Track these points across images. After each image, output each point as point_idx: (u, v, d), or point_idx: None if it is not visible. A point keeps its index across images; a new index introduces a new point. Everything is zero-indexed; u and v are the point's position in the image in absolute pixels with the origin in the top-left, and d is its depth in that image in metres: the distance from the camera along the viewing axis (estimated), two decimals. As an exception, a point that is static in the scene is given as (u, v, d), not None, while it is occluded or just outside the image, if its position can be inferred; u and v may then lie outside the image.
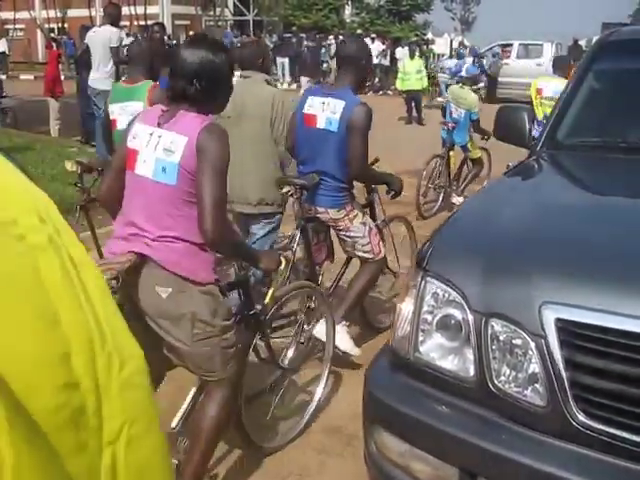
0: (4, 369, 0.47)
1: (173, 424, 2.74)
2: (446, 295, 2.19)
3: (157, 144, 2.43)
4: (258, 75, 4.20)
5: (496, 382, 2.04)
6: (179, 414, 2.76)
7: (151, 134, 2.47)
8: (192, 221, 2.39)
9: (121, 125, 3.96)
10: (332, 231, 4.11)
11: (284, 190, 3.94)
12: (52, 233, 0.55)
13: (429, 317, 2.23)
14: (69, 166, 4.47)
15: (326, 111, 3.72)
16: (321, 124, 3.74)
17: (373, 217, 4.34)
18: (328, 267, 4.44)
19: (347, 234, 3.94)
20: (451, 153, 7.91)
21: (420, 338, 2.24)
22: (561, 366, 1.91)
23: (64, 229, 0.57)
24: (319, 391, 3.55)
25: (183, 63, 2.45)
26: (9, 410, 0.46)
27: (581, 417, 1.89)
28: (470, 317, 2.09)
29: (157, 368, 2.60)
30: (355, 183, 3.96)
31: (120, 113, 4.11)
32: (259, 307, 3.04)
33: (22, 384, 0.48)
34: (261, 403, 3.38)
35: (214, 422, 2.63)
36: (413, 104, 16.34)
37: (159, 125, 2.46)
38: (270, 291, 3.06)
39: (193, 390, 2.81)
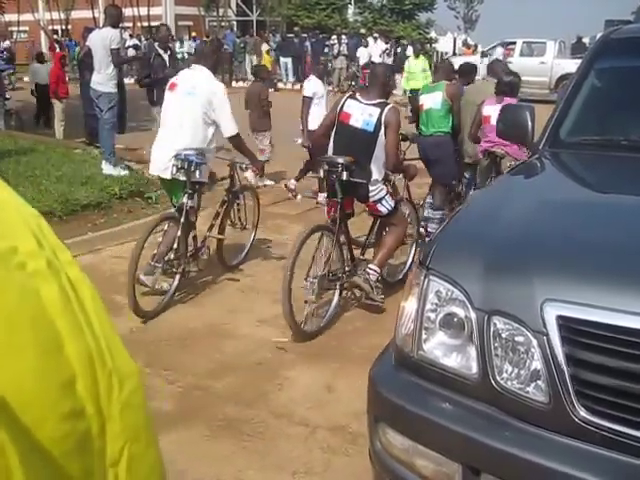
0: (13, 401, 0.46)
1: None
2: (449, 293, 2.20)
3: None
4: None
5: (498, 379, 2.06)
6: None
7: (495, 108, 5.55)
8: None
9: (426, 107, 6.84)
10: None
11: None
12: (50, 256, 0.54)
13: (432, 315, 2.25)
14: None
15: None
16: None
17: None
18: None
19: None
20: None
21: (423, 336, 2.26)
22: (563, 363, 1.92)
23: (59, 248, 0.57)
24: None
25: (507, 80, 6.33)
26: (17, 439, 0.46)
27: (583, 413, 1.91)
28: (473, 315, 2.11)
29: None
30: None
31: (426, 99, 6.87)
32: None
33: (30, 415, 0.47)
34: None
35: None
36: None
37: (498, 103, 5.75)
38: None
39: None
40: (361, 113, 4.79)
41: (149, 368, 4.06)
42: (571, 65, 17.77)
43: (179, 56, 13.76)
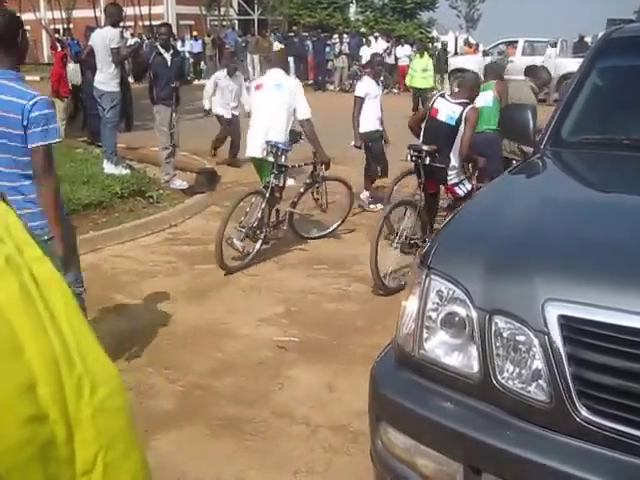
0: None
1: None
2: (450, 292, 2.20)
3: None
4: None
5: (500, 378, 2.06)
6: None
7: None
8: None
9: (478, 105, 6.59)
10: None
11: None
12: (11, 253, 0.50)
13: (433, 314, 2.24)
14: None
15: None
16: None
17: None
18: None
19: None
20: None
21: (425, 335, 2.26)
22: (564, 362, 1.92)
23: (27, 244, 0.53)
24: None
25: None
26: None
27: (584, 413, 1.91)
28: (474, 314, 2.11)
29: None
30: None
31: (478, 99, 6.59)
32: None
33: None
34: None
35: None
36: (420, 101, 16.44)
37: None
38: None
39: None
40: (446, 109, 5.76)
41: (150, 367, 4.07)
42: (573, 64, 17.72)
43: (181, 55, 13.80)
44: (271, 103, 6.13)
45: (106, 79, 8.44)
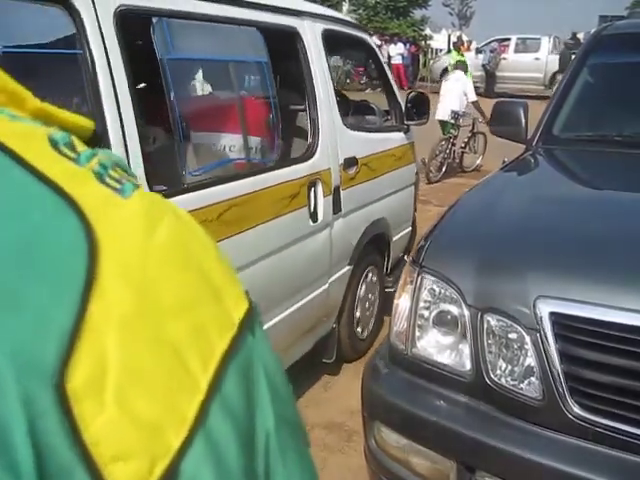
0: None
1: None
2: (442, 291, 2.20)
3: None
4: None
5: (492, 376, 2.06)
6: None
7: None
8: None
9: None
10: None
11: None
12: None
13: (426, 313, 2.25)
14: None
15: None
16: None
17: None
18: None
19: None
20: None
21: (417, 333, 2.26)
22: (556, 359, 1.92)
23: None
24: None
25: None
26: None
27: (576, 409, 1.91)
28: (466, 312, 2.11)
29: None
30: None
31: None
32: None
33: None
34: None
35: None
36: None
37: None
38: None
39: None
40: None
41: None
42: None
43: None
44: (453, 89, 10.06)
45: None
